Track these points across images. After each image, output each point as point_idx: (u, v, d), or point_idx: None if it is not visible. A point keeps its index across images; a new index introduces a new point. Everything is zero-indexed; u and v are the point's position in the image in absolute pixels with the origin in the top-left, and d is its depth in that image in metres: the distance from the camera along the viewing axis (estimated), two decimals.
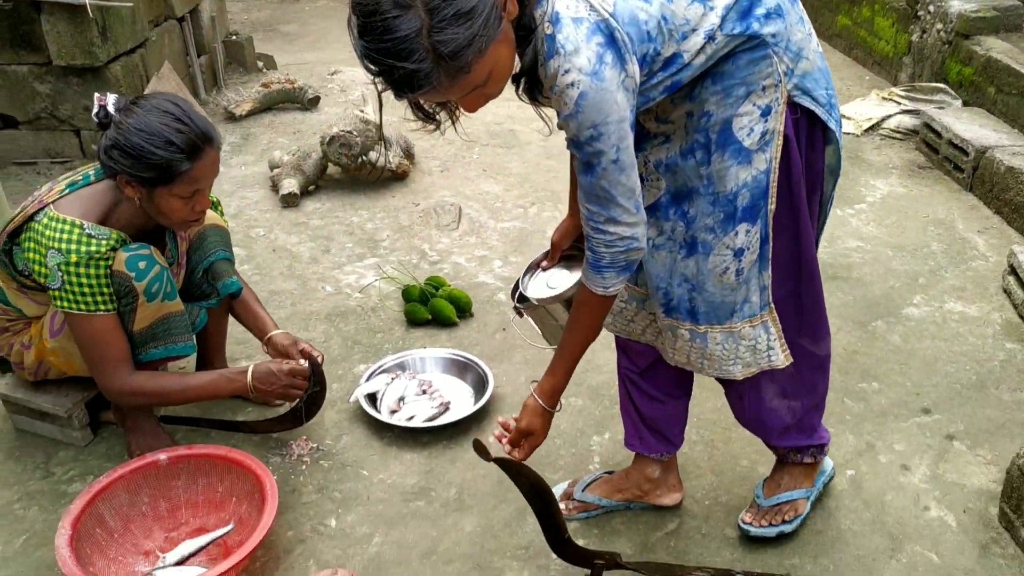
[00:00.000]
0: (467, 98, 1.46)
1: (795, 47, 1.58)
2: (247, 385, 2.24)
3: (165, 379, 2.25)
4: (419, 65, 1.29)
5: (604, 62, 1.41)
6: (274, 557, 2.10)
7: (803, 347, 1.87)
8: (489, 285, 3.27)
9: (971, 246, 3.51)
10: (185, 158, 2.01)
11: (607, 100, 1.42)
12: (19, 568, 2.07)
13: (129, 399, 2.23)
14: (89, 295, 2.07)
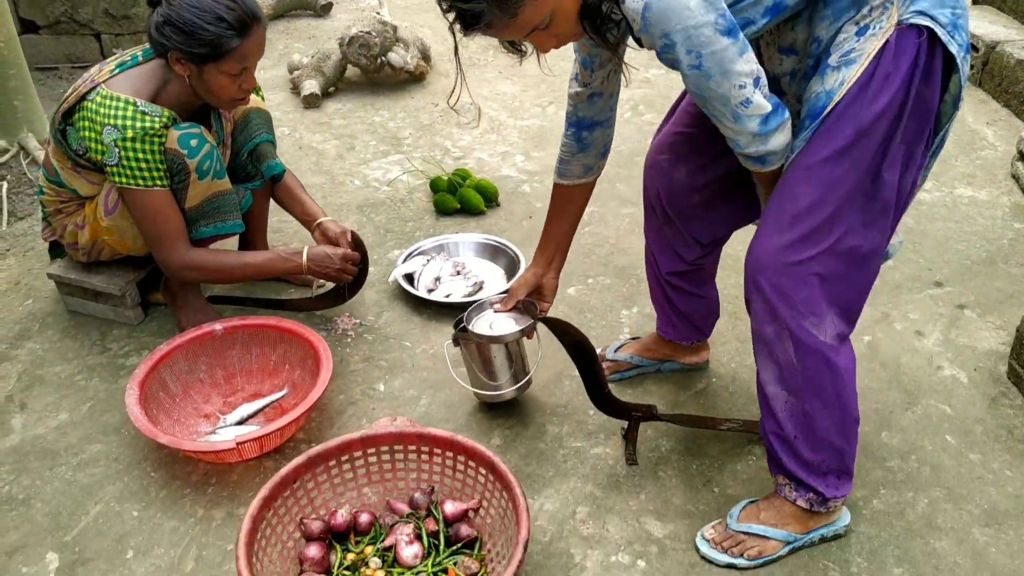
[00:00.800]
0: (535, 37, 1.50)
1: None
2: (302, 266, 2.35)
3: (223, 255, 2.35)
4: (473, 5, 1.39)
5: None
6: (328, 418, 2.24)
7: (823, 328, 1.62)
8: (513, 178, 3.35)
9: (980, 137, 3.60)
10: (235, 35, 2.08)
11: (671, 7, 1.37)
12: (87, 431, 2.20)
13: (188, 274, 2.33)
14: (147, 170, 2.15)
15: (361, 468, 1.92)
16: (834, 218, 1.53)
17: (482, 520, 1.87)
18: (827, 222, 1.53)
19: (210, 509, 1.98)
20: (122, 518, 1.96)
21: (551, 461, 2.09)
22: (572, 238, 2.12)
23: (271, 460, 2.09)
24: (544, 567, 1.83)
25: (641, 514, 1.94)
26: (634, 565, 1.83)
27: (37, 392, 2.33)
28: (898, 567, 1.81)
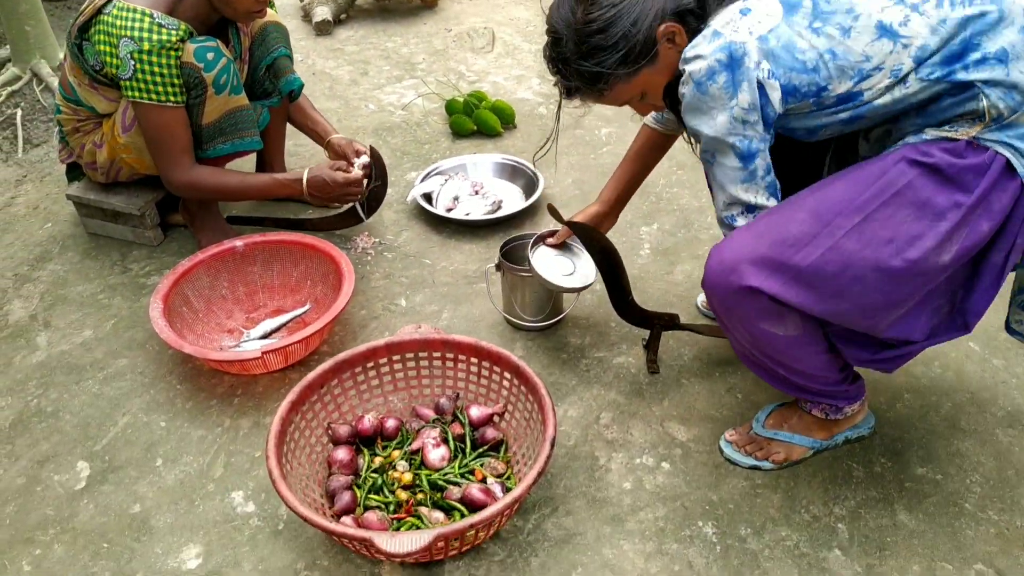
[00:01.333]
0: (633, 105, 1.65)
1: (1021, 94, 1.35)
2: (302, 192, 2.34)
3: (224, 175, 2.34)
4: (569, 81, 1.57)
5: (713, 80, 1.38)
6: (351, 332, 2.24)
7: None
8: (529, 100, 3.32)
9: None
10: None
11: (702, 111, 1.43)
12: (112, 346, 2.22)
13: (189, 191, 2.32)
14: (160, 85, 2.13)
15: (387, 375, 1.93)
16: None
17: (507, 424, 1.88)
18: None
19: (237, 419, 2.00)
20: (150, 428, 1.98)
21: (574, 370, 2.10)
22: (641, 184, 2.14)
23: (296, 372, 2.11)
24: (569, 468, 1.84)
25: (664, 419, 1.96)
26: (658, 467, 1.84)
27: (60, 311, 2.34)
28: (921, 467, 1.82)
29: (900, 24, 1.35)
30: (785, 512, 1.74)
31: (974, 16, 1.34)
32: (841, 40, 1.36)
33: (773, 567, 1.63)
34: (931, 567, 1.62)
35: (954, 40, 1.34)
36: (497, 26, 3.95)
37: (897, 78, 1.37)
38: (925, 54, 1.35)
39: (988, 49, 1.33)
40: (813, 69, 1.37)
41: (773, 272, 1.43)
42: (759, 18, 1.38)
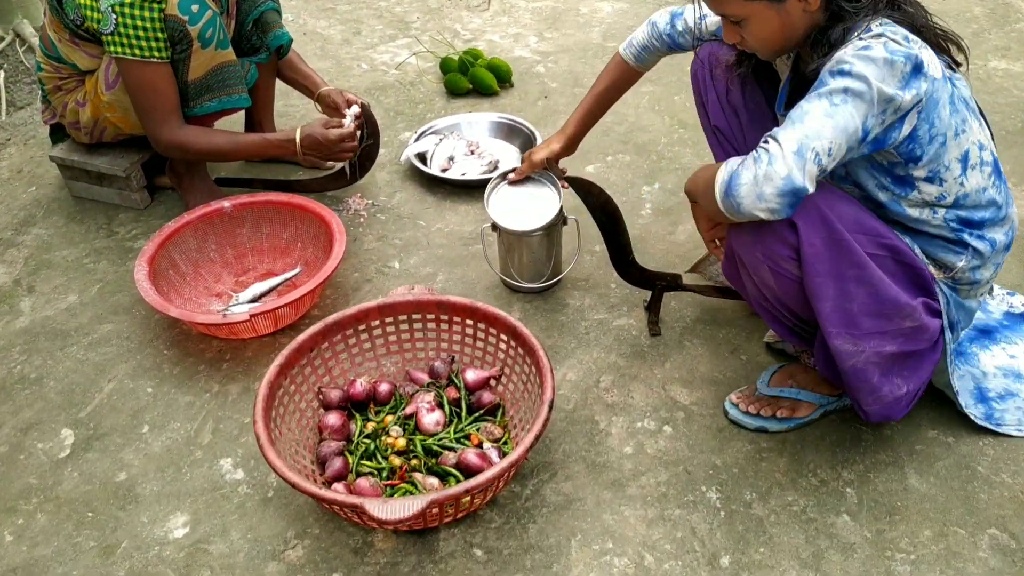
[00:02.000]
0: (726, 26, 1.52)
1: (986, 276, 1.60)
2: (296, 152, 2.25)
3: (214, 135, 2.26)
4: None
5: (904, 60, 1.33)
6: (343, 295, 2.18)
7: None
8: (527, 59, 3.23)
9: (1014, 9, 3.44)
10: None
11: (878, 67, 1.33)
12: (98, 310, 2.16)
13: (178, 151, 2.24)
14: (144, 39, 2.04)
15: (379, 337, 1.86)
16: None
17: (504, 387, 1.82)
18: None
19: (225, 384, 1.94)
20: (136, 394, 1.92)
21: (573, 333, 2.03)
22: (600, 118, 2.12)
23: (286, 336, 2.04)
24: (568, 433, 1.78)
25: (667, 382, 1.89)
26: (660, 431, 1.78)
27: (45, 275, 2.28)
28: (932, 429, 1.76)
29: (971, 167, 1.48)
30: (792, 476, 1.68)
31: (998, 203, 1.54)
32: (952, 140, 1.44)
33: (779, 533, 1.58)
34: (943, 532, 1.57)
35: (978, 209, 1.52)
36: None
37: (937, 203, 1.50)
38: (964, 203, 1.50)
39: (987, 233, 1.54)
40: (931, 139, 1.43)
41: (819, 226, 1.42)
42: (933, 61, 1.38)
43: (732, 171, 1.39)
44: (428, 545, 1.58)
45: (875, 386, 1.53)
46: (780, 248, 1.43)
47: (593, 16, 3.57)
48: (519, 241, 2.06)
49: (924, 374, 1.61)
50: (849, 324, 1.46)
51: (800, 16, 1.44)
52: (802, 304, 1.50)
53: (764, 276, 1.48)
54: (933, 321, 1.54)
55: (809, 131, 1.34)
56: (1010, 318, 1.96)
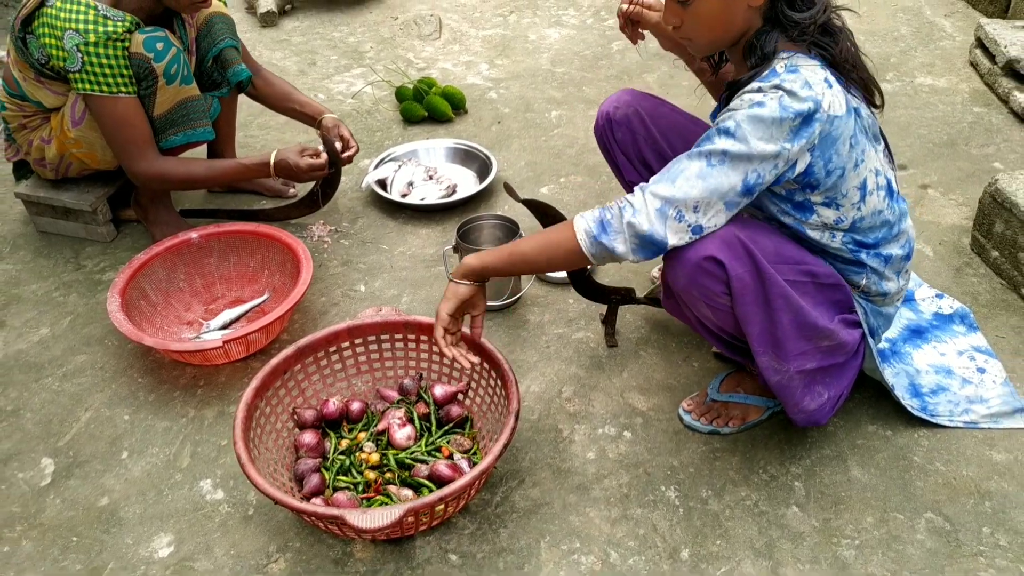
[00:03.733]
0: (669, 6, 1.57)
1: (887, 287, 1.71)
2: (269, 175, 2.34)
3: (191, 164, 2.33)
4: None
5: (791, 115, 1.43)
6: (311, 319, 2.26)
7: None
8: (479, 86, 3.34)
9: (938, 28, 3.64)
10: None
11: (742, 142, 1.45)
12: (70, 342, 2.20)
13: (157, 183, 2.31)
14: (111, 76, 2.11)
15: (349, 358, 1.95)
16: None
17: (471, 401, 1.91)
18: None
19: (201, 409, 2.00)
20: (113, 422, 1.98)
21: (534, 347, 2.13)
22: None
23: (258, 361, 2.11)
24: (534, 442, 1.88)
25: (625, 390, 2.00)
26: (620, 436, 1.89)
27: (15, 310, 2.32)
28: (871, 424, 1.89)
29: (869, 192, 1.58)
30: (744, 473, 1.79)
31: (890, 223, 1.64)
32: (851, 171, 1.54)
33: (734, 526, 1.69)
34: (884, 518, 1.69)
35: (872, 231, 1.63)
36: (443, 13, 3.96)
37: (835, 226, 1.60)
38: (860, 225, 1.61)
39: (882, 251, 1.65)
40: (827, 172, 1.52)
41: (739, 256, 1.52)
42: (835, 101, 1.46)
43: (598, 224, 1.53)
44: (405, 553, 1.66)
45: (798, 399, 1.68)
46: (712, 284, 1.53)
47: (541, 43, 3.70)
48: None
49: (845, 380, 1.75)
50: (775, 346, 1.59)
51: (742, 11, 1.52)
52: (739, 328, 1.61)
53: (702, 310, 1.60)
54: (852, 334, 1.68)
55: (677, 191, 1.47)
56: (939, 319, 2.11)
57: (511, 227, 2.26)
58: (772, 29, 1.52)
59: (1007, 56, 3.03)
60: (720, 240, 1.50)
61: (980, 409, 1.89)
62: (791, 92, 1.43)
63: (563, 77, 3.38)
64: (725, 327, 1.64)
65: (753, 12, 1.53)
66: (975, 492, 1.74)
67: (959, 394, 1.92)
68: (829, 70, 1.49)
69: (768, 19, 1.53)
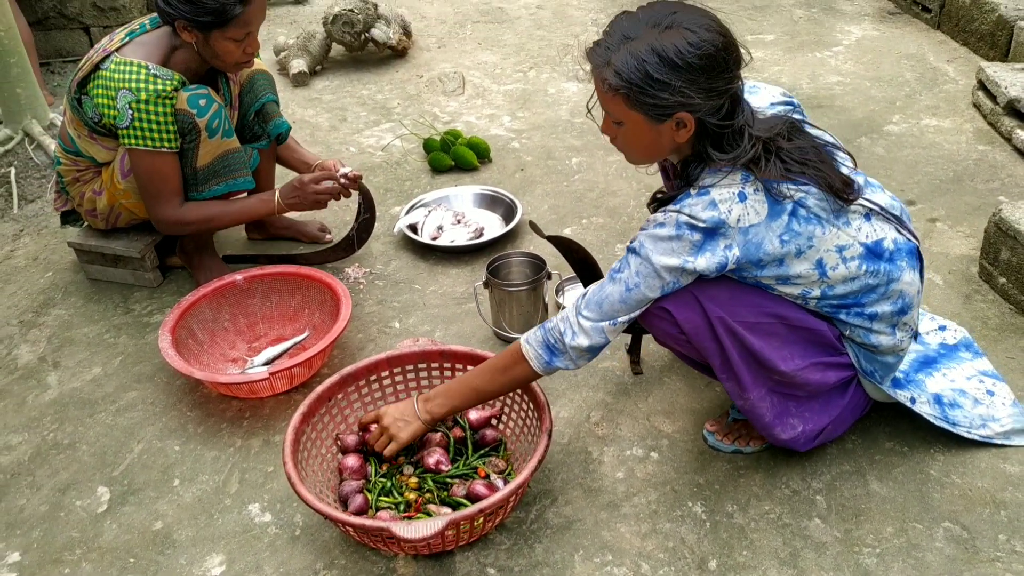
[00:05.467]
0: (606, 121, 1.73)
1: (874, 341, 1.79)
2: (276, 202, 2.46)
3: (207, 207, 2.45)
4: (598, 56, 1.63)
5: (692, 232, 1.60)
6: (349, 354, 2.37)
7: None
8: (502, 136, 3.50)
9: (941, 73, 3.78)
10: (238, 2, 2.19)
11: (646, 261, 1.65)
12: (122, 380, 2.33)
13: (178, 228, 2.45)
14: (157, 132, 2.27)
15: (388, 387, 2.06)
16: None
17: (504, 425, 2.01)
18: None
19: (247, 439, 2.11)
20: (165, 453, 2.09)
21: (562, 376, 2.23)
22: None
23: (300, 394, 2.22)
24: (565, 463, 1.97)
25: (650, 414, 2.10)
26: (648, 457, 1.98)
27: (68, 351, 2.45)
28: (889, 441, 1.97)
29: (831, 268, 1.67)
30: (767, 488, 1.87)
31: (873, 285, 1.72)
32: (793, 258, 1.65)
33: (759, 538, 1.77)
34: (903, 528, 1.76)
35: (851, 295, 1.72)
36: (466, 70, 4.15)
37: (805, 298, 1.71)
38: (831, 293, 1.70)
39: (867, 309, 1.74)
40: (762, 265, 1.65)
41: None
42: (749, 211, 1.60)
43: (544, 348, 1.75)
44: (446, 568, 1.75)
45: (767, 424, 1.81)
46: (668, 328, 1.72)
47: (560, 96, 3.87)
48: (510, 296, 2.28)
49: (827, 417, 1.85)
50: (733, 379, 1.75)
51: (669, 140, 1.65)
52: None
53: (674, 347, 1.83)
54: (829, 375, 1.79)
55: (606, 314, 1.70)
56: (945, 348, 2.18)
57: (538, 264, 2.39)
58: (698, 162, 1.66)
59: (1008, 96, 3.16)
60: (671, 295, 1.69)
61: (994, 426, 1.97)
62: (691, 215, 1.60)
63: (582, 127, 3.53)
64: (701, 361, 1.82)
65: (682, 143, 1.66)
66: (990, 502, 1.81)
67: (972, 412, 2.00)
68: (753, 184, 1.61)
69: (695, 151, 1.66)
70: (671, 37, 1.55)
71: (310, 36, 4.12)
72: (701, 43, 1.55)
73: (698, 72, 1.55)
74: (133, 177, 2.41)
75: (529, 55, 4.30)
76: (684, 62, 1.54)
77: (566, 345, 1.72)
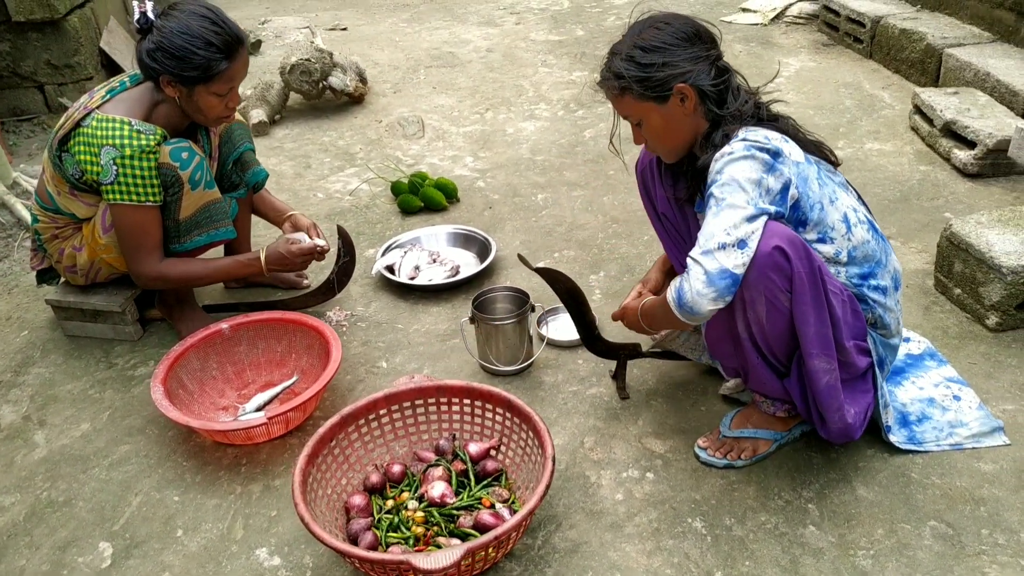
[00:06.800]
0: (633, 130, 1.96)
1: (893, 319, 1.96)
2: (261, 269, 2.51)
3: (188, 263, 2.48)
4: (609, 70, 1.88)
5: (763, 152, 1.74)
6: (340, 396, 2.40)
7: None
8: (467, 176, 3.59)
9: (878, 99, 4.00)
10: (223, 58, 2.25)
11: (729, 181, 1.75)
12: (112, 434, 2.32)
13: (158, 283, 2.46)
14: (141, 186, 2.29)
15: (387, 424, 2.09)
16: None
17: (503, 455, 2.07)
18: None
19: (247, 485, 2.12)
20: (164, 504, 2.09)
21: (552, 404, 2.30)
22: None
23: (295, 438, 2.25)
24: (565, 489, 2.03)
25: (642, 436, 2.17)
26: (644, 477, 2.05)
27: (53, 409, 2.43)
28: (869, 448, 2.07)
29: (853, 224, 1.85)
30: (761, 500, 1.96)
31: (877, 257, 1.90)
32: (828, 205, 1.82)
33: (759, 548, 1.84)
34: (893, 529, 1.86)
35: (866, 262, 1.88)
36: (424, 114, 4.24)
37: (836, 259, 1.85)
38: (855, 255, 1.86)
39: (879, 281, 1.90)
40: (811, 207, 1.81)
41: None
42: (792, 148, 1.80)
43: (675, 292, 1.78)
44: None
45: (842, 403, 1.87)
46: (779, 279, 1.73)
47: (519, 135, 3.98)
48: (496, 330, 2.34)
49: (863, 403, 1.95)
50: (825, 346, 1.80)
51: (681, 117, 1.86)
52: (786, 338, 1.83)
53: (759, 312, 1.79)
54: (860, 359, 1.91)
55: (707, 234, 1.74)
56: (911, 358, 2.32)
57: (523, 298, 2.46)
58: (716, 129, 1.85)
59: (944, 119, 3.36)
60: (784, 236, 1.73)
61: (962, 431, 2.09)
62: (755, 140, 1.76)
63: (543, 164, 3.64)
64: (772, 334, 1.82)
65: (692, 116, 1.86)
66: (970, 499, 1.92)
67: (941, 420, 2.12)
68: (782, 133, 1.82)
69: (711, 120, 1.87)
70: (649, 32, 1.85)
71: (268, 86, 4.18)
72: (673, 27, 1.84)
73: (678, 47, 1.83)
74: (115, 232, 2.42)
75: (484, 97, 4.41)
76: (664, 43, 1.82)
77: (689, 284, 1.75)
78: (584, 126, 3.97)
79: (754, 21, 5.09)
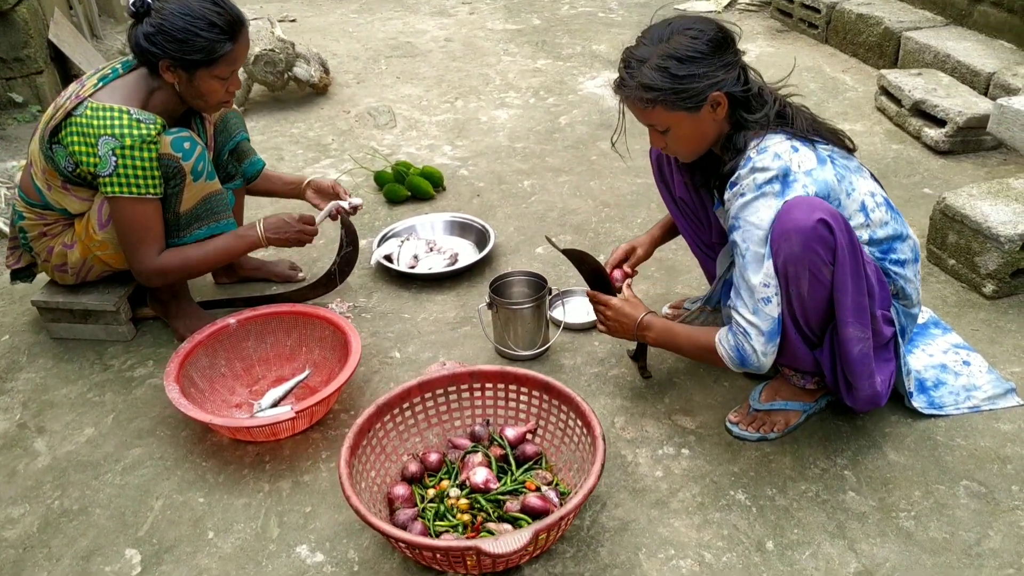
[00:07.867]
0: (653, 134, 1.96)
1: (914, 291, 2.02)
2: (259, 236, 2.41)
3: (186, 251, 2.36)
4: (630, 79, 1.85)
5: (771, 184, 1.79)
6: (357, 388, 2.35)
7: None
8: (448, 165, 3.55)
9: (841, 82, 4.11)
10: (227, 39, 2.17)
11: (754, 205, 1.80)
12: (120, 438, 2.22)
13: (158, 277, 2.36)
14: (142, 178, 2.19)
15: (420, 413, 2.06)
16: None
17: (541, 438, 2.05)
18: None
19: (275, 482, 2.06)
20: (189, 506, 2.01)
21: (576, 386, 2.30)
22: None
23: (316, 432, 2.19)
24: (605, 469, 2.02)
25: (671, 414, 2.19)
26: (680, 453, 2.06)
27: (51, 415, 2.32)
28: (893, 415, 2.13)
29: (871, 210, 1.91)
30: (798, 470, 1.99)
31: (897, 233, 1.96)
32: (847, 198, 1.87)
33: (804, 515, 1.88)
34: (929, 490, 1.92)
35: (887, 240, 1.94)
36: (392, 104, 4.18)
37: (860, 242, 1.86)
38: (876, 238, 1.91)
39: (900, 256, 1.97)
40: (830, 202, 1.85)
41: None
42: (804, 158, 1.82)
43: (736, 352, 1.88)
44: None
45: (873, 370, 1.90)
46: (823, 251, 1.75)
47: (494, 123, 3.96)
48: (515, 314, 2.33)
49: (887, 371, 1.99)
50: (861, 315, 1.83)
51: (711, 123, 1.89)
52: (823, 309, 1.84)
53: (802, 287, 1.80)
54: (885, 328, 1.95)
55: (748, 290, 1.83)
56: (919, 327, 2.39)
57: (539, 282, 2.44)
58: (739, 131, 1.89)
59: (912, 99, 3.47)
60: (825, 208, 1.75)
61: (978, 395, 2.16)
62: (762, 168, 1.80)
63: (524, 151, 3.63)
64: (811, 306, 1.83)
65: (721, 121, 1.89)
66: (996, 458, 1.99)
67: (956, 385, 2.19)
68: (795, 139, 1.84)
69: (733, 123, 1.90)
70: (677, 41, 1.82)
71: None
72: (702, 33, 1.82)
73: (711, 55, 1.82)
74: (112, 227, 2.31)
75: (451, 86, 4.38)
76: (697, 52, 1.80)
77: (752, 346, 1.85)
78: (558, 113, 3.97)
79: (708, 9, 5.17)
